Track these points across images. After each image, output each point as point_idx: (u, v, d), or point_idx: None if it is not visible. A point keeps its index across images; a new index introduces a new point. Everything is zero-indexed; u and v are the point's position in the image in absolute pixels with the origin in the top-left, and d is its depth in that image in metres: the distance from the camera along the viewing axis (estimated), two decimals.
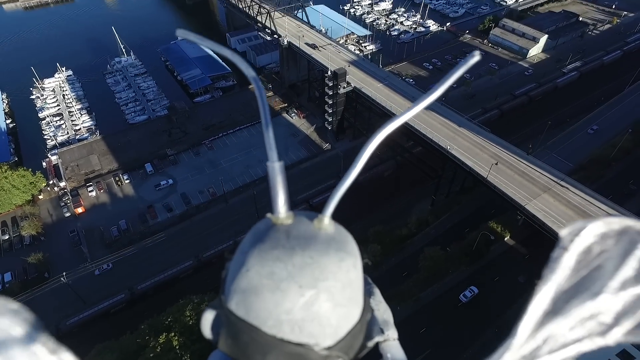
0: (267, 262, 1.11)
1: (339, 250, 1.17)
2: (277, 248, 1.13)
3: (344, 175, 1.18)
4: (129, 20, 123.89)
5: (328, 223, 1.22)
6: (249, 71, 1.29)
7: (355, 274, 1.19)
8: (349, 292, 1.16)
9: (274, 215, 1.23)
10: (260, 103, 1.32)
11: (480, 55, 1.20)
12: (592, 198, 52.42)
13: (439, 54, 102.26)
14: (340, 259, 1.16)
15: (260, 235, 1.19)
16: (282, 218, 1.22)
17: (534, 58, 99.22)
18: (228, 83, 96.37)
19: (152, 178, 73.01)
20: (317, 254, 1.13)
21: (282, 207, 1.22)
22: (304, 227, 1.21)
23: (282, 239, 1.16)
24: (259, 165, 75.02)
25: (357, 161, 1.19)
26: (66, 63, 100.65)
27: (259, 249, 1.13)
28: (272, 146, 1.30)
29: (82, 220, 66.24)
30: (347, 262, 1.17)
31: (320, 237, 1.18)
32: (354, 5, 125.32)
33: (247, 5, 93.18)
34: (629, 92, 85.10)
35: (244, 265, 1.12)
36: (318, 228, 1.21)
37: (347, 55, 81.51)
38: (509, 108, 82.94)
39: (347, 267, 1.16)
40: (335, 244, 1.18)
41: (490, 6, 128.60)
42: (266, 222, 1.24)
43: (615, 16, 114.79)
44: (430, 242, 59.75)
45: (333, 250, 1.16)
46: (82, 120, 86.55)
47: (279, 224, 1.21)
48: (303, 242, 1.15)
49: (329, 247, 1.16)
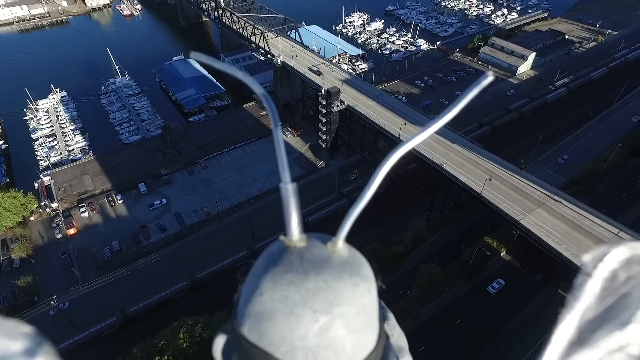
0: (281, 286, 1.09)
1: (353, 274, 1.16)
2: (290, 271, 1.12)
3: (357, 198, 1.17)
4: (124, 41, 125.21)
5: (342, 246, 1.21)
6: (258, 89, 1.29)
7: (370, 299, 1.17)
8: (364, 317, 1.14)
9: (287, 238, 1.22)
10: (273, 123, 1.30)
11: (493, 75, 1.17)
12: (585, 212, 52.73)
13: (430, 72, 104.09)
14: (355, 284, 1.14)
15: (273, 258, 1.18)
16: (296, 240, 1.20)
17: (523, 75, 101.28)
18: (222, 102, 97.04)
19: (145, 198, 72.48)
20: (331, 278, 1.11)
21: (295, 229, 1.20)
22: (317, 250, 1.19)
23: (295, 262, 1.14)
24: (253, 184, 74.90)
25: (370, 183, 1.17)
26: (61, 84, 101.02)
27: (272, 272, 1.12)
28: (285, 167, 1.26)
29: (74, 242, 65.26)
30: (362, 286, 1.16)
31: (334, 260, 1.17)
32: (346, 26, 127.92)
33: (241, 26, 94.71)
34: (617, 107, 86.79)
35: (257, 288, 1.11)
36: (332, 251, 1.20)
37: (340, 74, 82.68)
38: (500, 124, 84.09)
39: (362, 292, 1.15)
40: (349, 267, 1.17)
41: (478, 25, 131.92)
42: (279, 245, 1.22)
43: (600, 34, 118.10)
44: (426, 258, 59.47)
45: (347, 274, 1.14)
46: (76, 141, 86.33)
47: (292, 246, 1.20)
48: (317, 265, 1.14)
49: (343, 271, 1.15)
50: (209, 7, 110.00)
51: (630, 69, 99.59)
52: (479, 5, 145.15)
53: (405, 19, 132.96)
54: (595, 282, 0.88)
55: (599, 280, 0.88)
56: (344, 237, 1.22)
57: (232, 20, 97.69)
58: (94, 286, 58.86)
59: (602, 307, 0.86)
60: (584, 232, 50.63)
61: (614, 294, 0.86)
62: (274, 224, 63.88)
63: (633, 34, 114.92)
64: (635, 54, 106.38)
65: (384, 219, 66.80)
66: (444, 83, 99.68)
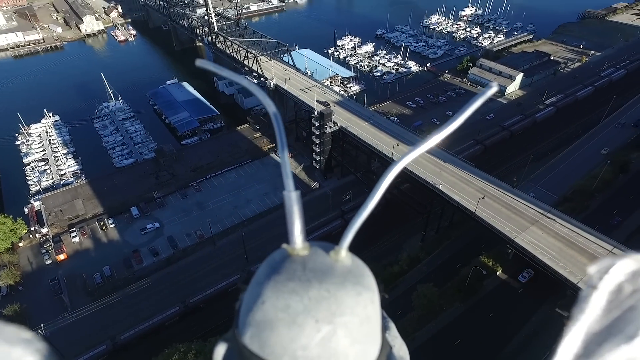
0: (283, 295, 1.08)
1: (356, 283, 1.15)
2: (293, 280, 1.11)
3: (360, 208, 1.17)
4: (118, 66, 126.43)
5: (345, 255, 1.21)
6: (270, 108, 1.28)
7: (372, 309, 1.17)
8: (366, 328, 1.13)
9: (289, 246, 1.22)
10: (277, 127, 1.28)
11: (497, 85, 1.20)
12: (579, 229, 52.96)
13: (421, 92, 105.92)
14: (358, 293, 1.13)
15: (275, 266, 1.17)
16: (298, 249, 1.20)
17: (512, 95, 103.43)
18: (216, 125, 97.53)
19: (138, 222, 71.62)
20: (334, 287, 1.10)
21: (298, 238, 1.20)
22: (320, 258, 1.19)
23: (298, 270, 1.14)
24: (247, 206, 74.50)
25: (373, 194, 1.17)
26: (54, 109, 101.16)
27: (275, 281, 1.11)
28: (288, 175, 1.26)
29: (63, 268, 63.89)
30: (365, 296, 1.15)
31: (337, 269, 1.16)
32: (337, 49, 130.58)
33: (234, 50, 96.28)
34: (604, 125, 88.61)
35: (259, 297, 1.10)
36: (335, 260, 1.19)
37: (333, 95, 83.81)
38: (491, 143, 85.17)
39: (365, 302, 1.14)
40: (352, 277, 1.16)
41: (467, 47, 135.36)
42: (282, 253, 1.22)
43: (584, 55, 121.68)
44: (422, 278, 58.93)
45: (350, 283, 1.14)
46: (68, 165, 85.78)
47: (294, 254, 1.20)
48: (319, 274, 1.13)
49: (346, 280, 1.14)
50: (203, 32, 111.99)
51: (614, 88, 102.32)
52: (466, 28, 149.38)
53: (395, 42, 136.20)
54: (600, 295, 0.87)
55: (605, 293, 0.87)
56: (347, 246, 1.21)
57: (225, 44, 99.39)
58: (84, 313, 57.32)
59: (608, 320, 0.85)
60: (579, 249, 50.71)
61: (620, 307, 0.85)
62: (269, 246, 63.24)
63: (615, 55, 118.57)
64: (619, 73, 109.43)
65: (379, 239, 66.53)
66: (434, 104, 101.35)
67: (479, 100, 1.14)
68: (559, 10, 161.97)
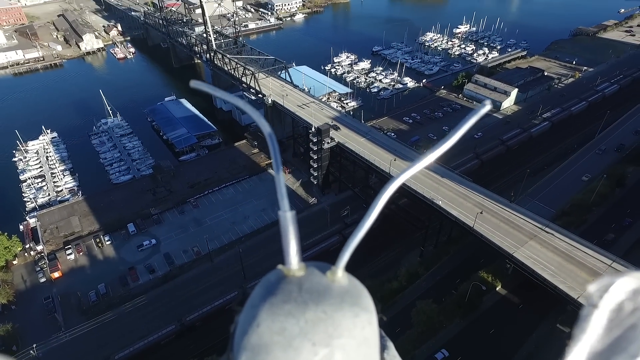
0: (279, 317, 1.06)
1: (353, 304, 1.13)
2: (288, 302, 1.09)
3: (356, 227, 1.16)
4: (117, 83, 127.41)
5: (342, 275, 1.19)
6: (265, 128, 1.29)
7: (370, 330, 1.14)
8: (364, 350, 1.10)
9: (285, 267, 1.20)
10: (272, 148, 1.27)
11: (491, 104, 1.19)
12: (578, 243, 52.85)
13: (417, 108, 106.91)
14: (355, 315, 1.11)
15: (271, 288, 1.16)
16: (294, 269, 1.19)
17: (507, 110, 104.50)
18: (214, 141, 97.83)
19: (134, 238, 71.05)
20: (330, 308, 1.09)
21: (293, 258, 1.19)
22: (316, 279, 1.17)
23: (294, 291, 1.12)
24: (244, 222, 74.14)
25: (369, 213, 1.16)
26: (52, 125, 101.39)
27: (270, 303, 1.09)
28: (283, 195, 1.24)
29: (58, 286, 63.00)
30: (362, 317, 1.13)
31: (334, 290, 1.14)
32: (334, 66, 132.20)
33: (232, 67, 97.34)
34: (599, 140, 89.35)
35: (254, 319, 1.08)
36: (331, 280, 1.17)
37: (330, 112, 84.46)
38: (488, 158, 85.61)
39: (362, 324, 1.12)
40: (349, 298, 1.14)
41: (462, 64, 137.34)
42: (277, 274, 1.21)
43: (577, 71, 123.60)
44: (421, 294, 58.35)
45: (347, 304, 1.12)
46: (65, 182, 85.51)
47: (290, 275, 1.18)
48: (316, 295, 1.11)
49: (343, 301, 1.12)
50: (201, 50, 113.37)
51: (608, 102, 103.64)
52: (461, 45, 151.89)
53: (391, 58, 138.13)
54: (601, 314, 0.87)
55: (606, 312, 0.87)
56: (344, 266, 1.20)
57: (223, 62, 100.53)
58: (78, 332, 56.27)
59: (609, 339, 0.85)
60: (578, 263, 50.50)
61: (621, 326, 0.85)
62: (266, 263, 62.71)
63: (608, 71, 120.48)
64: (612, 88, 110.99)
65: (377, 255, 66.09)
66: (431, 119, 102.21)
67: (474, 118, 1.17)
68: (551, 27, 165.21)
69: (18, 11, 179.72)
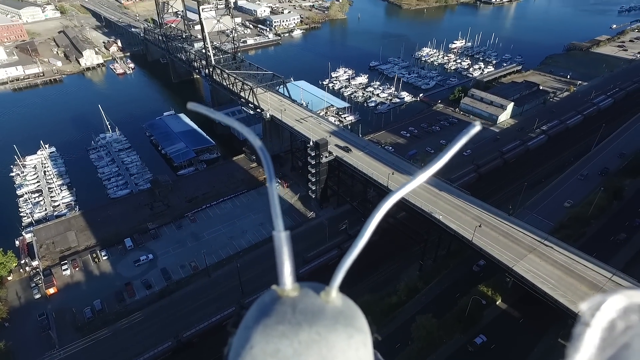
0: (272, 339, 1.05)
1: (347, 325, 1.12)
2: (282, 323, 1.08)
3: (350, 247, 1.15)
4: (116, 98, 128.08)
5: (336, 296, 1.18)
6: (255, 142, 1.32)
7: (365, 352, 1.13)
8: None
9: (279, 287, 1.20)
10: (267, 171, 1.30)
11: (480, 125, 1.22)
12: (577, 257, 52.63)
13: (414, 122, 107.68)
14: (349, 336, 1.10)
15: (264, 309, 1.14)
16: (288, 290, 1.18)
17: (503, 124, 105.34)
18: (212, 155, 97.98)
19: (131, 253, 70.46)
20: (324, 329, 1.08)
21: (288, 278, 1.18)
22: (310, 300, 1.16)
23: (288, 312, 1.11)
24: (242, 237, 73.74)
25: (363, 232, 1.16)
26: (50, 140, 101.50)
27: (264, 324, 1.09)
28: (277, 214, 1.27)
29: (53, 302, 62.14)
30: (357, 339, 1.12)
31: (328, 311, 1.13)
32: (332, 80, 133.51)
33: (231, 82, 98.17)
34: (595, 153, 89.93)
35: (248, 341, 1.07)
36: (325, 301, 1.17)
37: (328, 126, 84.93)
38: (486, 171, 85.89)
39: (357, 345, 1.11)
40: (343, 319, 1.13)
41: (458, 78, 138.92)
42: (271, 294, 1.20)
43: (572, 85, 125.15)
44: (421, 309, 57.76)
45: (341, 325, 1.11)
46: (62, 196, 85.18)
47: (284, 296, 1.17)
48: (310, 316, 1.10)
49: (337, 322, 1.11)
50: (200, 65, 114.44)
51: (602, 116, 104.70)
52: (456, 60, 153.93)
53: (388, 73, 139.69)
54: (594, 332, 0.87)
55: (598, 330, 0.87)
56: (338, 287, 1.19)
57: (222, 77, 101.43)
58: (72, 350, 55.31)
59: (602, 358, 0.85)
60: (578, 277, 50.21)
61: (614, 345, 0.85)
62: (264, 277, 62.16)
63: (602, 85, 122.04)
64: (607, 102, 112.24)
65: (375, 269, 65.65)
66: (428, 133, 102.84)
67: (464, 138, 1.17)
68: (545, 42, 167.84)
69: (19, 28, 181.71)
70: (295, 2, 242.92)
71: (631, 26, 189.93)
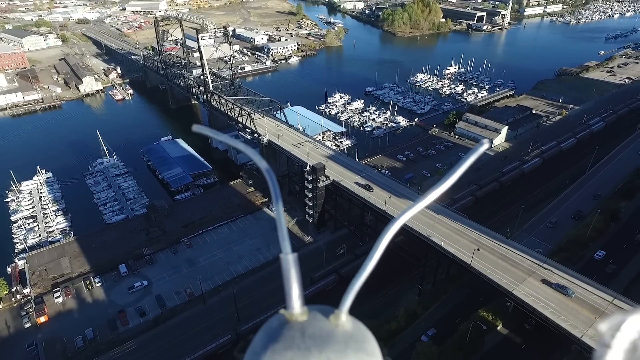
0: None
1: (358, 350, 1.09)
2: (291, 348, 1.05)
3: (359, 271, 1.14)
4: (115, 124, 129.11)
5: (345, 319, 1.16)
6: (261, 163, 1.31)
7: None
8: None
9: (287, 311, 1.17)
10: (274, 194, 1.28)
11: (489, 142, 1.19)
12: (577, 280, 52.17)
13: (410, 146, 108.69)
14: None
15: (273, 334, 1.10)
16: (297, 314, 1.15)
17: (498, 147, 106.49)
18: (209, 180, 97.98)
19: (125, 280, 69.24)
20: (334, 355, 1.04)
21: (296, 302, 1.16)
22: (319, 324, 1.13)
23: (296, 337, 1.08)
24: (239, 262, 72.84)
25: (372, 254, 1.15)
26: (47, 165, 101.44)
27: (272, 350, 1.05)
28: (285, 237, 1.23)
29: (43, 331, 60.47)
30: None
31: (338, 335, 1.10)
32: (328, 106, 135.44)
33: (228, 108, 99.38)
34: (590, 175, 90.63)
35: None
36: (335, 325, 1.14)
37: (325, 150, 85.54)
38: (482, 194, 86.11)
39: None
40: (353, 343, 1.11)
41: (452, 103, 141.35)
42: (279, 319, 1.16)
43: (564, 109, 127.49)
44: (421, 335, 56.58)
45: (352, 350, 1.08)
46: (57, 222, 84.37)
47: (293, 320, 1.14)
48: (319, 341, 1.07)
49: (347, 347, 1.08)
50: (199, 91, 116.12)
51: (595, 139, 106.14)
52: (450, 85, 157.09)
53: (384, 98, 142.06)
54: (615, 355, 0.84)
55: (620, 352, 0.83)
56: (347, 310, 1.17)
57: (220, 102, 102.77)
58: None
59: None
60: (579, 300, 49.61)
61: None
62: (261, 304, 61.01)
63: (593, 108, 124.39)
64: (599, 125, 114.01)
65: (374, 294, 64.60)
66: (424, 156, 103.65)
67: (472, 157, 1.14)
68: (536, 68, 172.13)
69: (21, 56, 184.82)
70: (292, 30, 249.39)
71: (618, 52, 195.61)
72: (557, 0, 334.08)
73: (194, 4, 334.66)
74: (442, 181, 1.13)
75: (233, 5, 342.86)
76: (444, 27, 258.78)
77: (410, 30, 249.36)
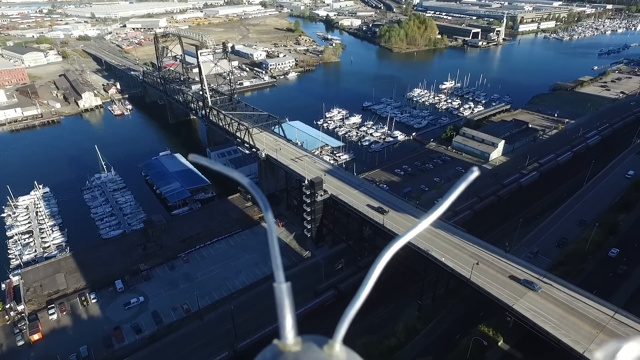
0: None
1: None
2: None
3: (353, 298, 1.12)
4: (113, 139, 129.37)
5: (339, 349, 1.14)
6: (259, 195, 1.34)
7: None
8: None
9: (281, 342, 1.14)
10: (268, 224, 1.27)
11: (478, 171, 1.21)
12: (578, 294, 51.79)
13: (408, 160, 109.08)
14: None
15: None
16: (290, 344, 1.13)
17: (495, 161, 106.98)
18: (207, 195, 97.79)
19: (122, 296, 68.37)
20: None
21: (289, 332, 1.13)
22: (313, 354, 1.11)
23: None
24: (236, 277, 72.15)
25: (365, 283, 1.15)
26: (45, 181, 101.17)
27: None
28: (278, 265, 1.23)
29: (37, 349, 59.36)
30: None
31: None
32: (326, 120, 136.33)
33: (227, 123, 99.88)
34: (588, 188, 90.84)
35: None
36: (328, 355, 1.12)
37: (323, 165, 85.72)
38: (480, 208, 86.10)
39: None
40: None
41: (449, 117, 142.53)
42: (272, 350, 1.14)
43: (560, 123, 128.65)
44: (421, 351, 55.84)
45: None
46: (53, 237, 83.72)
47: (286, 351, 1.12)
48: None
49: None
50: (197, 107, 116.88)
51: (591, 152, 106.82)
52: (447, 99, 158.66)
53: (381, 113, 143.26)
54: None
55: None
56: (341, 340, 1.15)
57: (218, 117, 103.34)
58: None
59: None
60: (580, 315, 49.17)
61: None
62: (258, 320, 60.17)
63: (588, 122, 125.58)
64: (594, 139, 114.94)
65: (373, 309, 63.82)
66: (422, 170, 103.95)
67: (463, 185, 1.18)
68: (531, 83, 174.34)
69: (21, 72, 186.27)
70: (290, 46, 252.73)
71: (611, 67, 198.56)
72: (550, 17, 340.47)
73: (193, 21, 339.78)
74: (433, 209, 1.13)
75: (232, 22, 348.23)
76: (440, 43, 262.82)
77: (406, 46, 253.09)
